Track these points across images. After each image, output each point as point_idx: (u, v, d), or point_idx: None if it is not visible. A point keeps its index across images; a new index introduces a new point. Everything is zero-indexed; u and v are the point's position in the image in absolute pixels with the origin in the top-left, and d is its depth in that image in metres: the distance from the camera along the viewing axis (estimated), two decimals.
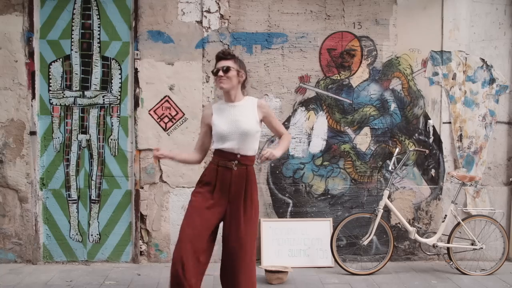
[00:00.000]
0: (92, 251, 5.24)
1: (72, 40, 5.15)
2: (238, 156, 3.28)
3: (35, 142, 5.10)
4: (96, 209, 5.22)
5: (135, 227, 5.21)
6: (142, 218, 5.20)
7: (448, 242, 5.04)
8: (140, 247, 5.22)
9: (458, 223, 5.04)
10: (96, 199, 5.22)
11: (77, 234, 5.23)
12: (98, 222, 5.23)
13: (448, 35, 5.39)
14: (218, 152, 3.31)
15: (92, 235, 5.24)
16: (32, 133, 5.09)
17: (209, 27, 5.13)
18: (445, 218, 5.07)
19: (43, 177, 5.19)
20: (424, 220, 5.43)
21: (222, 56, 3.33)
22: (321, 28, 5.26)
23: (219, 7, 5.14)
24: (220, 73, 3.27)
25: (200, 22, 5.13)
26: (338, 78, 5.31)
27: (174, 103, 5.15)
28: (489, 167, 5.54)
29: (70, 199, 5.21)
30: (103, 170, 5.20)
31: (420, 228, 5.31)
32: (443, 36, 5.39)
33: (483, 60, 5.48)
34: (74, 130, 5.19)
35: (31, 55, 5.06)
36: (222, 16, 5.15)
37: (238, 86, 3.36)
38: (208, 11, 5.12)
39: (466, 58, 5.44)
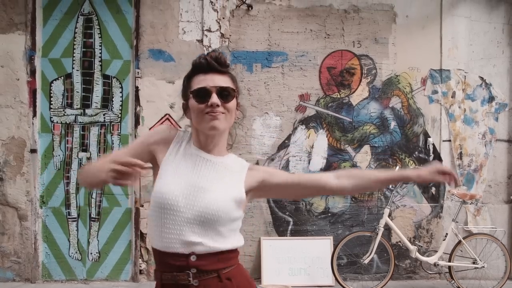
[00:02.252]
0: (91, 270, 5.21)
1: (74, 58, 5.18)
2: (192, 258, 1.66)
3: (35, 159, 5.10)
4: (95, 227, 5.20)
5: (134, 246, 5.18)
6: (142, 236, 5.18)
7: (450, 261, 5.01)
8: (140, 266, 5.19)
9: (459, 242, 5.01)
10: (96, 217, 5.20)
11: (76, 252, 5.20)
12: (98, 240, 5.21)
13: (447, 53, 5.43)
14: (157, 253, 1.71)
15: (91, 253, 5.21)
16: (33, 150, 5.09)
17: (210, 46, 5.17)
18: (446, 236, 5.04)
19: (43, 195, 5.18)
20: (425, 239, 5.41)
21: (214, 66, 1.73)
22: (321, 47, 5.31)
23: (220, 26, 5.19)
24: (214, 99, 1.68)
25: (201, 41, 5.17)
26: (338, 96, 5.33)
27: (175, 122, 5.17)
28: (489, 185, 5.54)
29: (70, 217, 5.20)
30: (103, 188, 5.19)
31: (421, 246, 5.28)
32: (442, 55, 5.43)
33: (482, 78, 5.51)
34: (75, 148, 5.20)
35: (33, 73, 5.09)
36: (222, 35, 5.19)
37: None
38: (209, 30, 5.17)
39: (465, 76, 5.47)
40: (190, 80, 1.78)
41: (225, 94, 1.73)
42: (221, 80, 1.74)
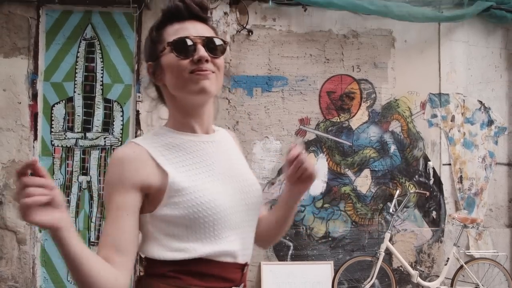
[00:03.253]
0: None
1: (76, 82, 5.22)
2: (245, 269, 1.41)
3: None
4: (94, 251, 5.16)
5: (133, 270, 5.14)
6: (141, 259, 5.13)
7: (452, 286, 4.96)
8: None
9: (461, 266, 4.97)
10: (95, 241, 5.18)
11: None
12: None
13: (446, 77, 5.47)
14: (192, 268, 1.32)
15: None
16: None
17: None
18: (447, 261, 5.01)
19: None
20: (426, 263, 5.37)
21: (195, 11, 1.37)
22: (321, 72, 5.35)
23: None
24: (203, 52, 1.32)
25: None
26: (338, 120, 5.36)
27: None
28: (490, 208, 5.52)
29: None
30: (103, 212, 5.18)
31: (423, 271, 5.24)
32: (440, 79, 5.47)
33: (480, 102, 5.54)
34: (75, 171, 5.20)
35: (34, 97, 5.12)
36: None
37: None
38: None
39: (464, 100, 5.50)
40: (161, 32, 1.37)
41: (213, 47, 1.33)
42: (204, 29, 1.37)
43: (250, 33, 5.25)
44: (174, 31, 1.35)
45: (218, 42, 1.35)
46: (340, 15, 5.31)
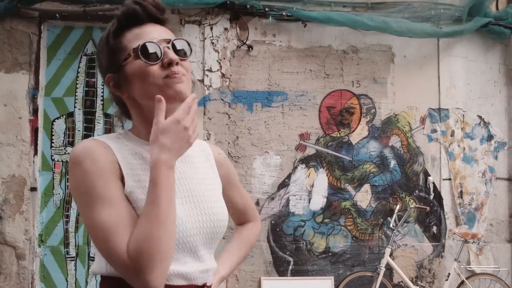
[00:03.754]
0: None
1: (76, 97, 5.24)
2: None
3: (35, 198, 5.09)
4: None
5: None
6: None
7: None
8: None
9: (462, 282, 4.95)
10: (95, 256, 5.15)
11: None
12: (96, 280, 5.14)
13: (445, 93, 5.49)
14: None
15: None
16: (33, 189, 5.09)
17: (211, 86, 5.24)
18: (448, 276, 4.98)
19: (42, 233, 5.14)
20: (427, 279, 5.34)
21: (154, 14, 1.30)
22: (321, 87, 5.37)
23: (221, 66, 5.27)
24: (173, 55, 1.26)
25: (202, 81, 5.24)
26: (338, 135, 5.37)
27: None
28: (491, 223, 5.51)
29: (68, 256, 5.15)
30: None
31: (424, 286, 5.21)
32: (440, 94, 5.49)
33: (480, 117, 5.55)
34: None
35: (35, 112, 5.14)
36: (223, 75, 5.27)
37: None
38: (210, 70, 5.24)
39: (463, 115, 5.52)
40: (119, 39, 1.27)
41: (180, 49, 1.27)
42: (166, 32, 1.31)
43: (250, 49, 5.28)
44: (134, 36, 1.26)
45: (183, 43, 1.29)
46: (340, 31, 5.34)
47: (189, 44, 1.30)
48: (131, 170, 1.24)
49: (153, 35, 1.26)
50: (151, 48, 1.23)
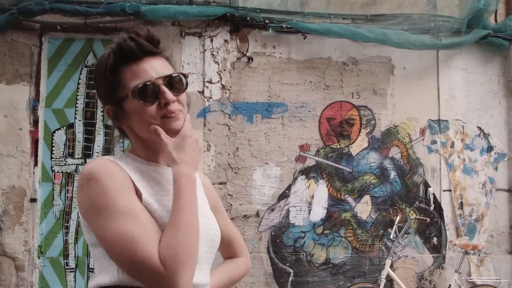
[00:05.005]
0: None
1: (76, 108, 5.26)
2: None
3: (35, 209, 5.08)
4: (92, 278, 5.13)
5: None
6: None
7: None
8: None
9: None
10: (97, 270, 5.13)
11: None
12: None
13: (445, 104, 5.51)
14: None
15: None
16: (33, 200, 5.08)
17: (211, 97, 5.25)
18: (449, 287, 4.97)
19: (41, 244, 5.13)
20: None
21: (149, 48, 1.34)
22: (321, 98, 5.39)
23: (221, 78, 5.28)
24: (169, 96, 1.31)
25: (202, 92, 5.26)
26: (338, 146, 5.37)
27: None
28: (491, 235, 5.49)
29: (67, 267, 5.13)
30: None
31: None
32: (439, 106, 5.50)
33: (480, 128, 5.56)
34: (75, 197, 5.19)
35: (35, 123, 5.15)
36: (223, 87, 5.28)
37: None
38: (210, 82, 5.26)
39: (463, 126, 5.53)
40: (117, 75, 1.32)
41: (175, 83, 1.33)
42: (161, 66, 1.34)
43: (250, 60, 5.30)
44: (131, 74, 1.31)
45: (178, 77, 1.34)
46: (340, 43, 5.37)
47: (185, 77, 1.35)
48: (142, 185, 1.32)
49: (150, 73, 1.31)
50: (148, 90, 1.29)
